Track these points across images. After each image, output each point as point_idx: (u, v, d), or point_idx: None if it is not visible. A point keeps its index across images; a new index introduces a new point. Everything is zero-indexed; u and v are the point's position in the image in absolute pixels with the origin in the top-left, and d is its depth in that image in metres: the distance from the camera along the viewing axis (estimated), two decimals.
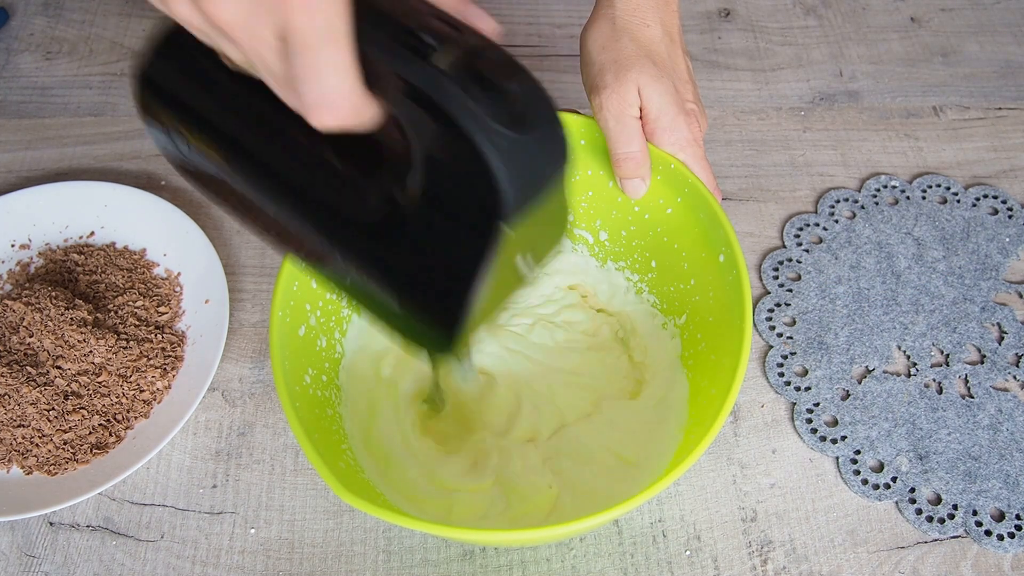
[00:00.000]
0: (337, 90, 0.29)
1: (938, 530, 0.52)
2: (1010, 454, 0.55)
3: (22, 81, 0.76)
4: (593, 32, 0.52)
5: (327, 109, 0.29)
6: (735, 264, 0.46)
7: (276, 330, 0.45)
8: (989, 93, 0.74)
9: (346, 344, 0.53)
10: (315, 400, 0.47)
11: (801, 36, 0.78)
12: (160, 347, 0.58)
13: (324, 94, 0.29)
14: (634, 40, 0.50)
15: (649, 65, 0.49)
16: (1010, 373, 0.58)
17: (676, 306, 0.53)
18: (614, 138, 0.49)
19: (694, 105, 0.51)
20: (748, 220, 0.66)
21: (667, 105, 0.49)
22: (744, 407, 0.57)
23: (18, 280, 0.62)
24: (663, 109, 0.49)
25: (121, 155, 0.70)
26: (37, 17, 0.80)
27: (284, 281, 0.46)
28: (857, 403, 0.57)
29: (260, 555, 0.52)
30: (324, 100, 0.29)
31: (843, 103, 0.73)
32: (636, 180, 0.50)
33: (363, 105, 0.30)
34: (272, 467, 0.55)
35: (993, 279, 0.62)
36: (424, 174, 0.32)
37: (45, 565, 0.52)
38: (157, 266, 0.63)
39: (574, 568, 0.51)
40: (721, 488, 0.54)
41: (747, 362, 0.43)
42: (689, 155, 0.49)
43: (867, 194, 0.67)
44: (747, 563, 0.52)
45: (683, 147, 0.49)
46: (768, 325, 0.60)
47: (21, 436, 0.54)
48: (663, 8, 0.52)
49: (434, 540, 0.52)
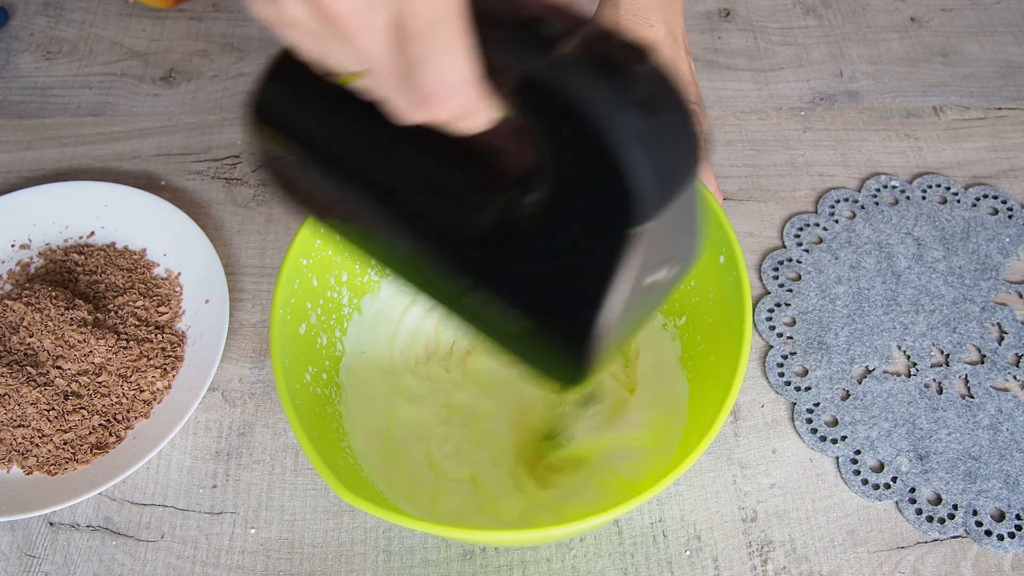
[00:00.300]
0: (456, 76, 0.27)
1: (938, 530, 0.52)
2: (1010, 454, 0.55)
3: (22, 81, 0.76)
4: None
5: (444, 98, 0.27)
6: (735, 265, 0.46)
7: (277, 328, 0.45)
8: (989, 93, 0.74)
9: (346, 342, 0.53)
10: (315, 398, 0.47)
11: (801, 36, 0.78)
12: (160, 347, 0.58)
13: (442, 81, 0.27)
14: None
15: None
16: (1010, 373, 0.58)
17: (676, 307, 0.53)
18: None
19: (696, 106, 0.51)
20: (748, 220, 0.66)
21: None
22: (744, 407, 0.57)
23: (18, 280, 0.62)
24: None
25: (121, 155, 0.70)
26: (37, 17, 0.80)
27: (285, 279, 0.46)
28: (857, 403, 0.57)
29: (260, 555, 0.52)
30: (441, 88, 0.27)
31: (843, 103, 0.73)
32: None
33: (481, 96, 0.28)
34: (272, 467, 0.55)
35: (993, 279, 0.62)
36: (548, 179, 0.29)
37: (45, 565, 0.52)
38: (157, 266, 0.63)
39: (574, 568, 0.51)
40: (721, 488, 0.54)
41: (747, 363, 0.43)
42: None
43: (867, 194, 0.67)
44: (747, 563, 0.52)
45: None
46: (768, 325, 0.60)
47: (21, 436, 0.54)
48: (667, 8, 0.52)
49: (434, 540, 0.52)
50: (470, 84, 0.28)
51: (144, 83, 0.75)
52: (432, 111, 0.28)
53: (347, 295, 0.53)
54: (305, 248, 0.48)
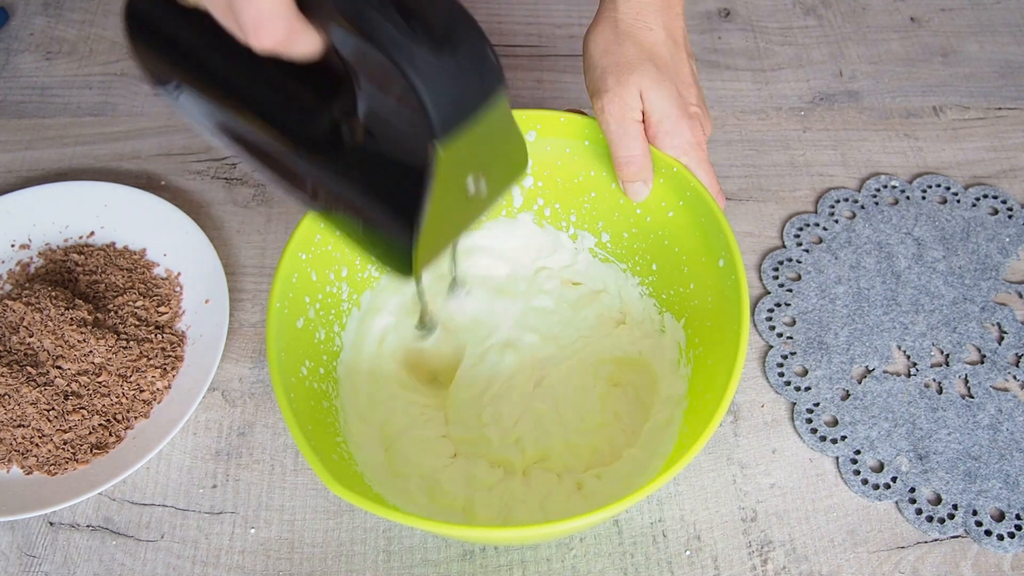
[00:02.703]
0: (271, 11, 0.31)
1: (938, 530, 0.52)
2: (1010, 454, 0.55)
3: (22, 81, 0.76)
4: (596, 35, 0.52)
5: (263, 30, 0.31)
6: (734, 269, 0.46)
7: (273, 321, 0.45)
8: (989, 93, 0.74)
9: (345, 338, 0.53)
10: (312, 392, 0.47)
11: (801, 36, 0.78)
12: (160, 347, 0.58)
13: (258, 15, 0.31)
14: (637, 43, 0.50)
15: (651, 69, 0.49)
16: (1010, 373, 0.58)
17: (676, 309, 0.53)
18: (616, 142, 0.49)
19: (697, 108, 0.51)
20: (748, 220, 0.66)
21: (669, 109, 0.49)
22: (744, 407, 0.57)
23: (18, 280, 0.62)
24: (665, 113, 0.49)
25: (121, 155, 0.70)
26: (37, 17, 0.80)
27: (283, 273, 0.47)
28: (857, 403, 0.57)
29: (260, 555, 0.52)
30: (259, 21, 0.31)
31: (843, 103, 0.73)
32: (638, 183, 0.50)
33: (298, 28, 0.32)
34: (272, 467, 0.55)
35: (993, 279, 0.62)
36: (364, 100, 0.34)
37: (45, 565, 0.52)
38: (157, 266, 0.63)
39: (574, 568, 0.51)
40: (721, 488, 0.54)
41: (743, 366, 0.43)
42: (692, 159, 0.49)
43: (867, 194, 0.67)
44: (747, 563, 0.52)
45: (686, 151, 0.49)
46: (768, 325, 0.60)
47: (21, 436, 0.54)
48: (666, 11, 0.52)
49: (434, 540, 0.52)
50: (284, 17, 0.31)
51: (144, 83, 0.75)
52: (253, 41, 0.31)
53: (347, 290, 0.53)
54: (304, 243, 0.49)
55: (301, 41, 0.32)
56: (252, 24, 0.31)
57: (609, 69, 0.50)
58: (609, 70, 0.50)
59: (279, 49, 0.32)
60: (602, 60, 0.51)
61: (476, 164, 0.36)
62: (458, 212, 0.38)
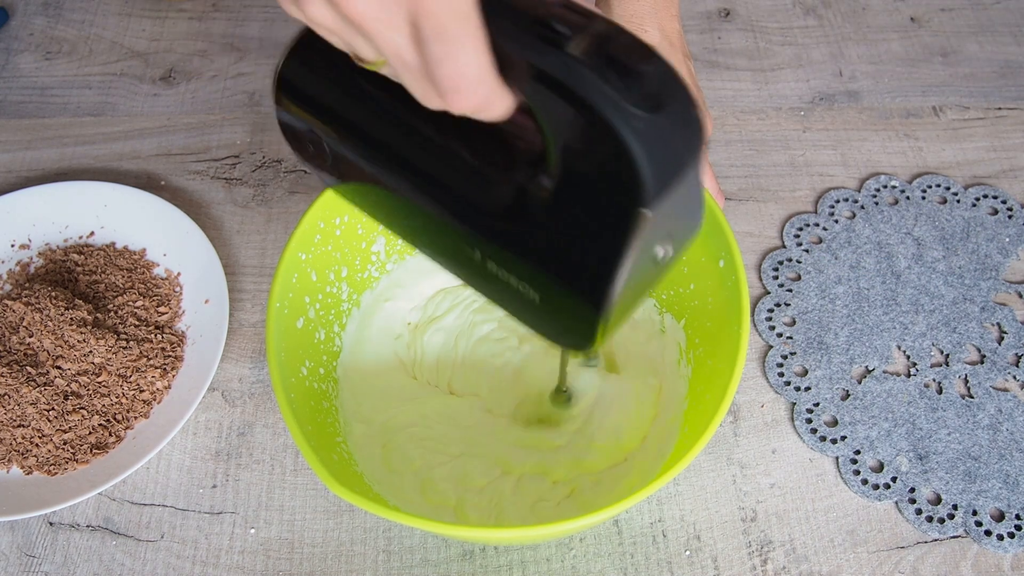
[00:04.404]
0: (473, 72, 0.29)
1: (938, 530, 0.52)
2: (1010, 454, 0.55)
3: (22, 81, 0.76)
4: None
5: (463, 93, 0.29)
6: (734, 270, 0.46)
7: (273, 321, 0.45)
8: (989, 93, 0.74)
9: (345, 338, 0.53)
10: (311, 392, 0.47)
11: (801, 36, 0.78)
12: (160, 347, 0.58)
13: (460, 77, 0.29)
14: None
15: None
16: (1010, 373, 0.58)
17: (676, 309, 0.53)
18: None
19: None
20: (748, 220, 0.66)
21: None
22: (744, 407, 0.57)
23: (18, 280, 0.62)
24: None
25: (121, 155, 0.70)
26: (37, 17, 0.80)
27: (283, 273, 0.46)
28: (857, 403, 0.57)
29: (260, 555, 0.52)
30: (460, 83, 0.29)
31: (843, 103, 0.73)
32: None
33: (498, 90, 0.30)
34: (272, 467, 0.55)
35: (993, 279, 0.62)
36: (560, 164, 0.32)
37: (45, 565, 0.52)
38: (157, 266, 0.63)
39: (574, 568, 0.51)
40: (721, 488, 0.54)
41: (743, 367, 0.43)
42: None
43: (867, 194, 0.67)
44: (747, 563, 0.52)
45: None
46: (768, 325, 0.60)
47: (21, 436, 0.54)
48: (662, 12, 0.52)
49: (434, 540, 0.52)
50: (486, 80, 0.29)
51: (144, 83, 0.75)
52: (451, 104, 0.30)
53: (347, 291, 0.53)
54: (304, 243, 0.49)
55: (498, 103, 0.30)
56: (451, 87, 0.29)
57: None
58: None
59: (475, 113, 0.30)
60: None
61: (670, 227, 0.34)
62: (644, 279, 0.35)
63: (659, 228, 0.32)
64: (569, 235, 0.33)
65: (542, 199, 0.33)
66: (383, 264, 0.56)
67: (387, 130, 0.36)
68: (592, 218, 0.32)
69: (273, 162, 0.69)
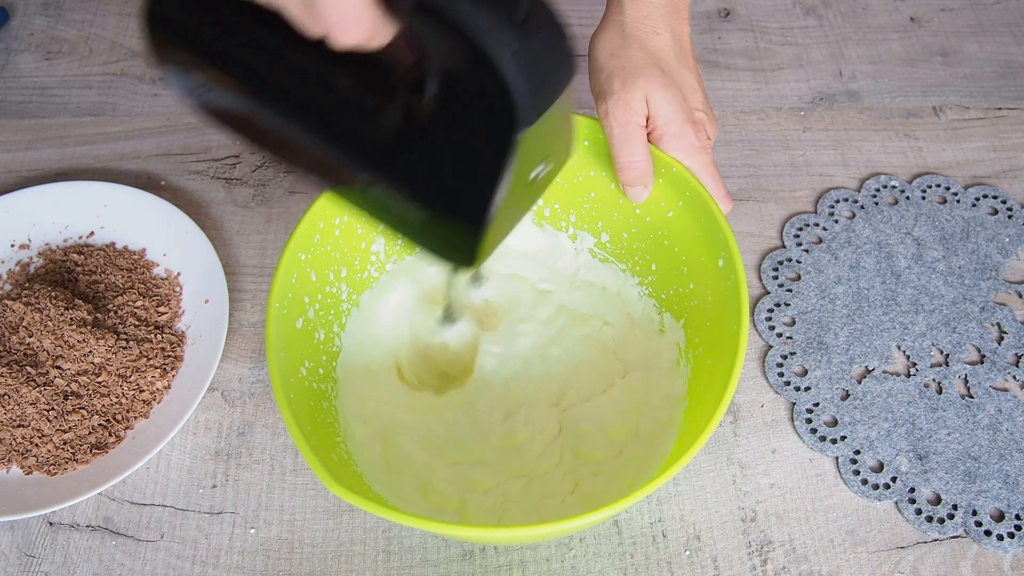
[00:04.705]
0: (357, 7, 0.30)
1: (938, 530, 0.52)
2: (1010, 454, 0.55)
3: (22, 81, 0.76)
4: (602, 38, 0.52)
5: (348, 27, 0.31)
6: (734, 269, 0.46)
7: (272, 321, 0.45)
8: (989, 93, 0.74)
9: (344, 338, 0.53)
10: (311, 392, 0.47)
11: (801, 36, 0.78)
12: (160, 347, 0.58)
13: (341, 12, 0.30)
14: (643, 48, 0.50)
15: (657, 73, 0.49)
16: (1010, 373, 0.58)
17: (675, 309, 0.53)
18: (618, 146, 0.49)
19: (702, 113, 0.51)
20: (748, 220, 0.66)
21: (674, 114, 0.49)
22: (744, 407, 0.57)
23: (18, 280, 0.62)
24: (670, 118, 0.49)
25: (121, 155, 0.70)
26: (37, 17, 0.80)
27: (282, 273, 0.46)
28: (857, 403, 0.57)
29: (260, 555, 0.52)
30: (345, 18, 0.30)
31: (843, 103, 0.73)
32: (638, 187, 0.51)
33: (380, 21, 0.31)
34: (272, 467, 0.55)
35: (993, 279, 0.62)
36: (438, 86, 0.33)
37: (45, 565, 0.52)
38: (157, 266, 0.63)
39: (574, 568, 0.51)
40: (721, 488, 0.54)
41: (742, 367, 0.43)
42: (696, 163, 0.49)
43: (867, 194, 0.67)
44: (747, 563, 0.52)
45: (690, 155, 0.49)
46: (768, 325, 0.60)
47: (21, 436, 0.54)
48: (673, 16, 0.52)
49: (434, 540, 0.52)
50: (367, 12, 0.30)
51: (144, 83, 0.75)
52: (335, 38, 0.31)
53: (346, 291, 0.53)
54: (304, 243, 0.49)
55: (380, 33, 0.31)
56: (338, 22, 0.30)
57: (615, 72, 0.50)
58: (615, 73, 0.50)
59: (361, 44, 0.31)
60: (608, 63, 0.51)
61: (544, 151, 0.36)
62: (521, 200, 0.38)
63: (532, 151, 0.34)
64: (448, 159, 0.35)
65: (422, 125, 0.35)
66: (383, 264, 0.56)
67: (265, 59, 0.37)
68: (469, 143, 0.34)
69: (273, 162, 0.69)
